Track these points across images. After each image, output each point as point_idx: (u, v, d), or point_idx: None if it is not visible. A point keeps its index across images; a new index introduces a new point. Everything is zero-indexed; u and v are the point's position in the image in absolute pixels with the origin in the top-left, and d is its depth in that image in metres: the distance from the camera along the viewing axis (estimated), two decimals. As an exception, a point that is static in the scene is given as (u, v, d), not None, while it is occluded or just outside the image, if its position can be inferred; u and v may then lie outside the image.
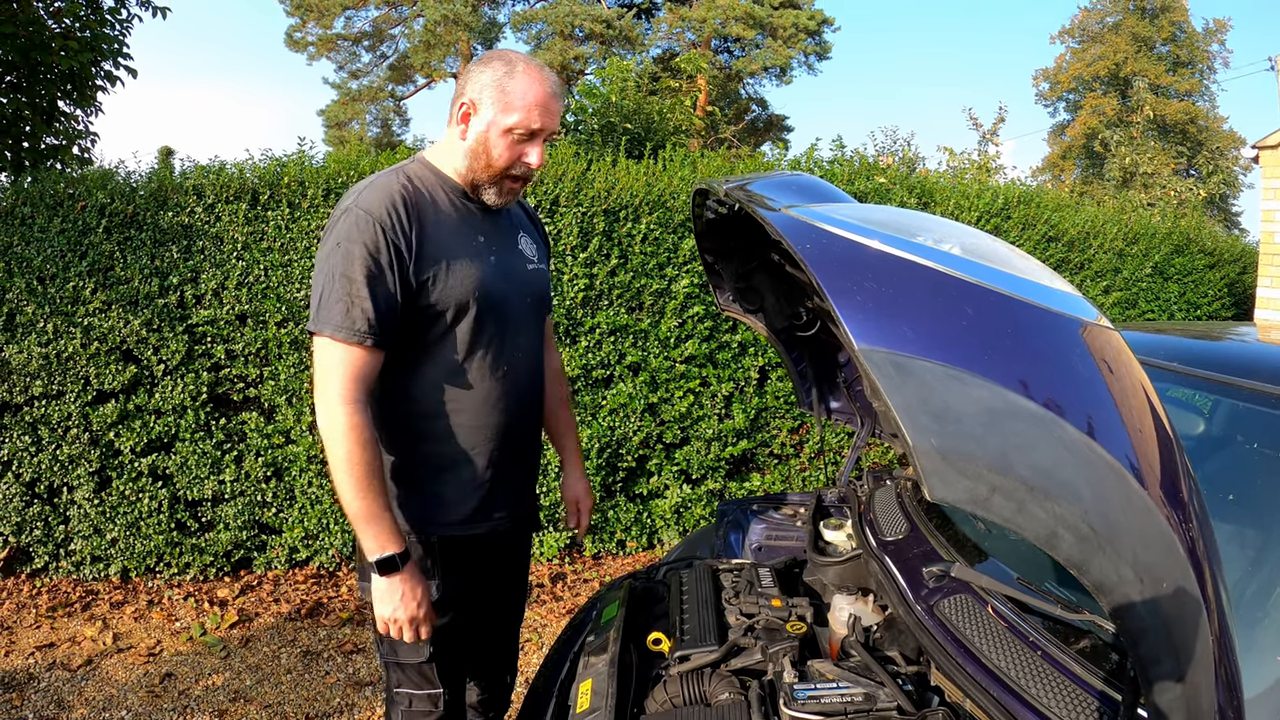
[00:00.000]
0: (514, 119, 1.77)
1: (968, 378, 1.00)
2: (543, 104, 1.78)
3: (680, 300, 4.91)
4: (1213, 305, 7.35)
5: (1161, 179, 18.53)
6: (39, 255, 4.16)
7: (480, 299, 1.82)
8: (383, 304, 1.71)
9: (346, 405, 1.68)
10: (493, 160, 1.81)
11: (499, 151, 1.80)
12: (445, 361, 1.84)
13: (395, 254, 1.72)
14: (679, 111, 9.98)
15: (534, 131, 1.79)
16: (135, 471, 4.36)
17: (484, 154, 1.81)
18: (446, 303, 1.79)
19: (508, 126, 1.78)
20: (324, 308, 1.70)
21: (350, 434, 1.67)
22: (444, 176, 1.88)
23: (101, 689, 3.54)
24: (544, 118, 1.79)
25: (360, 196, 1.75)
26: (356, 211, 1.72)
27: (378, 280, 1.70)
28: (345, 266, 1.69)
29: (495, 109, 1.78)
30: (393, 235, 1.71)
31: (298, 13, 23.88)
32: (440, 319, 1.81)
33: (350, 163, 4.60)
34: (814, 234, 1.26)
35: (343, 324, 1.68)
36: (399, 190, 1.77)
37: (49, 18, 5.91)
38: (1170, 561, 0.99)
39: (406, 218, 1.74)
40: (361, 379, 1.71)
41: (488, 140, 1.80)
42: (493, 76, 1.78)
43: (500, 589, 2.16)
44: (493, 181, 1.85)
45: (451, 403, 1.86)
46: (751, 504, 2.61)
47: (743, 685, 1.54)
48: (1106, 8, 31.47)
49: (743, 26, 23.07)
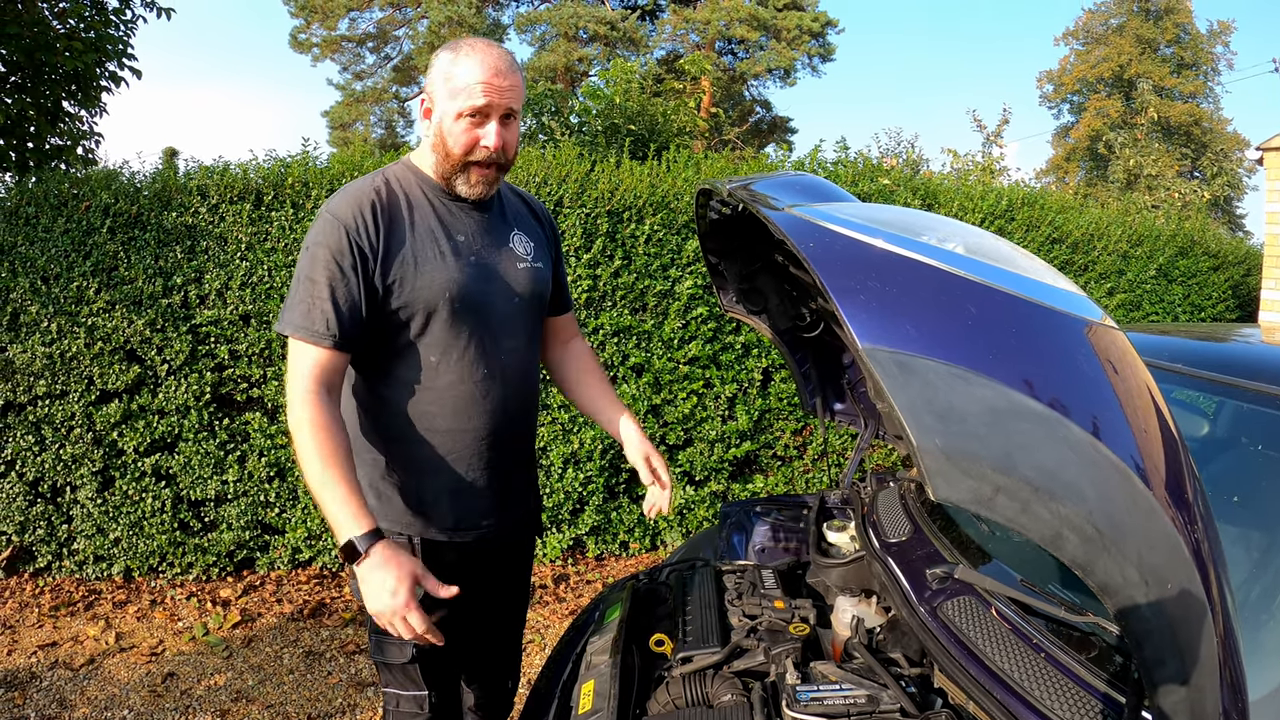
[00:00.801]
0: (460, 102, 1.74)
1: (972, 377, 1.00)
2: (486, 81, 1.73)
3: (684, 302, 4.90)
4: (1217, 307, 7.33)
5: (1166, 181, 18.47)
6: (43, 255, 4.17)
7: (453, 300, 1.80)
8: (343, 306, 1.72)
9: (309, 399, 1.69)
10: (450, 149, 1.79)
11: (454, 139, 1.78)
12: (419, 364, 1.83)
13: (359, 257, 1.72)
14: (683, 113, 10.02)
15: (481, 110, 1.75)
16: (138, 471, 4.37)
17: (442, 144, 1.80)
18: (415, 305, 1.78)
19: (458, 111, 1.75)
20: (288, 309, 1.74)
21: (312, 427, 1.66)
22: (424, 176, 1.88)
23: (104, 688, 3.54)
24: (490, 94, 1.74)
25: (332, 201, 1.78)
26: (326, 215, 1.75)
27: (339, 283, 1.71)
28: (310, 269, 1.73)
29: (445, 96, 1.77)
30: (356, 238, 1.72)
31: (302, 14, 23.94)
32: (411, 321, 1.80)
33: (354, 164, 4.61)
34: (817, 233, 1.26)
35: (303, 324, 1.71)
36: (371, 194, 1.78)
37: (54, 18, 5.93)
38: (1175, 563, 0.99)
39: (373, 222, 1.75)
40: (322, 377, 1.71)
41: (443, 130, 1.79)
42: (439, 65, 1.78)
43: (498, 594, 2.13)
44: (458, 171, 1.82)
45: (428, 405, 1.84)
46: (755, 506, 2.60)
47: (745, 687, 1.53)
48: (1111, 10, 31.46)
49: (746, 28, 23.08)
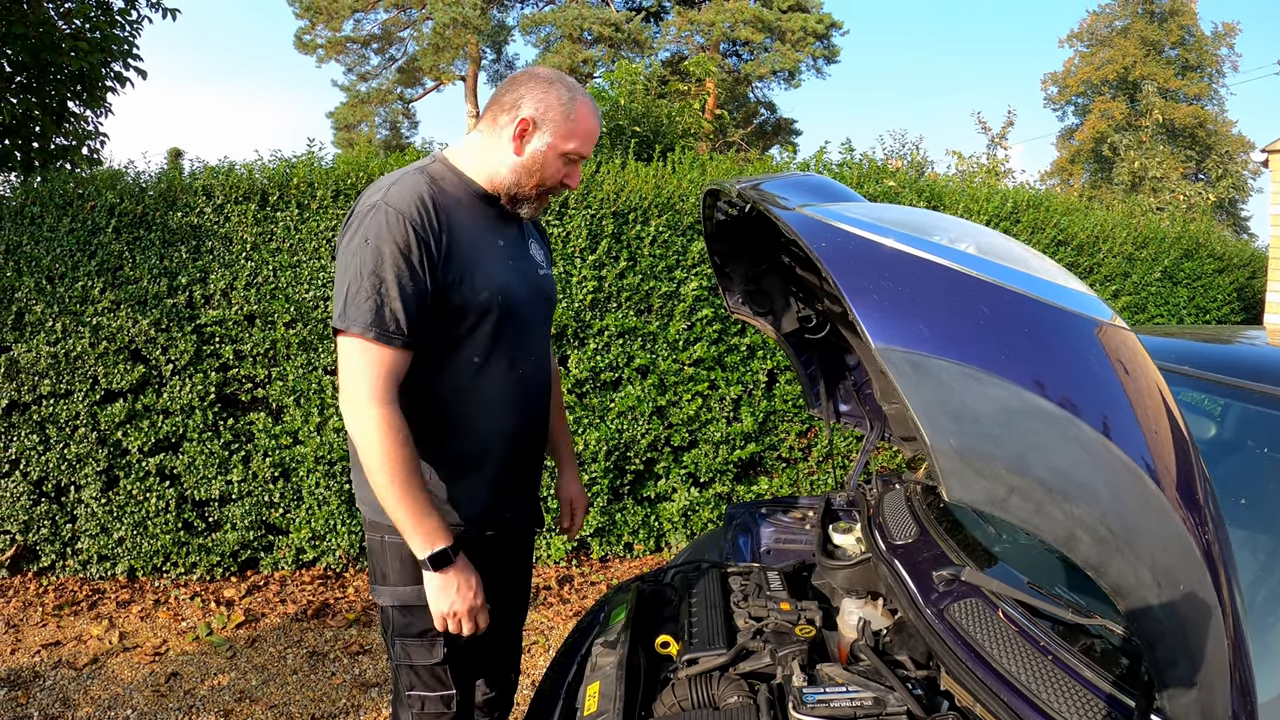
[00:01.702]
0: (573, 145, 1.85)
1: (985, 377, 0.99)
2: (594, 133, 1.90)
3: (689, 303, 4.90)
4: (1222, 310, 7.32)
5: (1170, 183, 18.47)
6: (48, 254, 4.18)
7: (502, 302, 1.83)
8: (413, 304, 1.69)
9: (381, 406, 1.67)
10: (545, 178, 1.88)
11: (549, 171, 1.87)
12: (466, 362, 1.84)
13: (425, 253, 1.70)
14: (687, 114, 10.01)
15: (583, 156, 1.90)
16: (143, 471, 4.37)
17: (538, 171, 1.86)
18: (471, 304, 1.79)
19: (566, 151, 1.85)
20: (351, 305, 1.67)
21: (389, 434, 1.66)
22: (466, 179, 1.88)
23: (107, 688, 3.55)
24: (591, 145, 1.90)
25: (389, 193, 1.72)
26: (386, 208, 1.69)
27: (408, 280, 1.68)
28: (375, 264, 1.67)
29: (557, 133, 1.83)
30: (423, 233, 1.70)
31: (307, 15, 23.99)
32: (464, 320, 1.81)
33: (359, 164, 4.61)
34: (829, 232, 1.25)
35: (373, 323, 1.66)
36: (426, 188, 1.77)
37: (59, 19, 5.95)
38: (1187, 564, 0.98)
39: (436, 217, 1.73)
40: (392, 379, 1.70)
41: (545, 159, 1.85)
42: (558, 100, 1.83)
43: (507, 586, 2.16)
44: (536, 196, 1.91)
45: (470, 404, 1.87)
46: (760, 507, 2.60)
47: (751, 689, 1.53)
48: (1115, 11, 31.46)
49: (751, 30, 23.08)
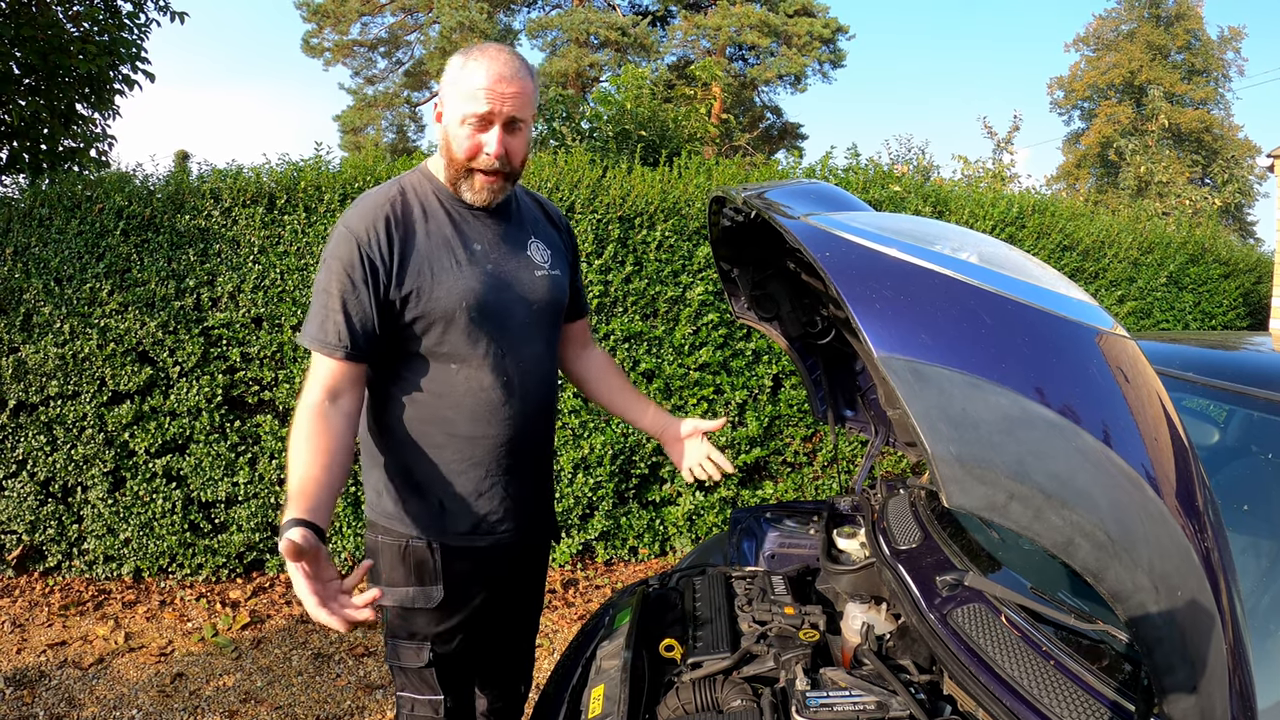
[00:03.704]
0: (465, 107, 1.74)
1: (986, 385, 1.00)
2: (489, 87, 1.72)
3: (694, 307, 4.91)
4: (1227, 315, 7.30)
5: (1176, 188, 18.42)
6: (56, 256, 4.21)
7: (470, 309, 1.81)
8: (355, 319, 1.74)
9: (307, 405, 1.72)
10: (454, 154, 1.79)
11: (458, 144, 1.78)
12: (437, 372, 1.84)
13: (370, 269, 1.74)
14: (694, 119, 10.02)
15: (484, 116, 1.74)
16: (149, 472, 4.39)
17: (448, 149, 1.80)
18: (432, 315, 1.79)
19: (462, 116, 1.75)
20: (307, 320, 1.78)
21: (297, 429, 1.70)
22: (439, 184, 1.88)
23: (112, 688, 3.56)
24: (493, 100, 1.72)
25: (348, 213, 1.79)
26: (341, 228, 1.77)
27: (350, 296, 1.74)
28: (325, 281, 1.76)
29: (452, 100, 1.77)
30: (368, 251, 1.74)
31: (314, 19, 24.06)
32: (429, 330, 1.81)
33: (366, 168, 4.63)
34: (833, 242, 1.26)
35: (317, 336, 1.75)
36: (385, 206, 1.79)
37: (67, 21, 5.97)
38: (1186, 570, 0.99)
39: (385, 235, 1.76)
40: (332, 387, 1.74)
41: (449, 134, 1.79)
42: (450, 70, 1.78)
43: (513, 599, 2.14)
44: (462, 176, 1.82)
45: (447, 412, 1.85)
46: (765, 512, 2.60)
47: (755, 692, 1.54)
48: (1121, 16, 31.44)
49: (757, 34, 23.09)
